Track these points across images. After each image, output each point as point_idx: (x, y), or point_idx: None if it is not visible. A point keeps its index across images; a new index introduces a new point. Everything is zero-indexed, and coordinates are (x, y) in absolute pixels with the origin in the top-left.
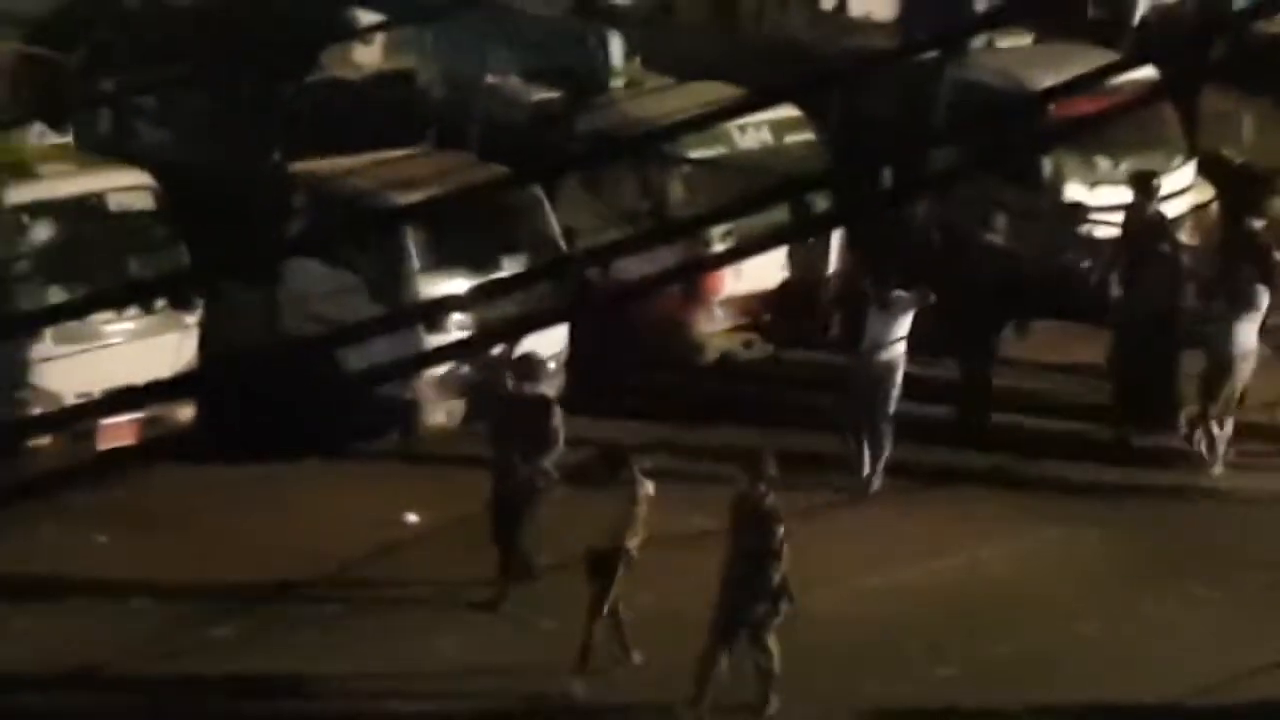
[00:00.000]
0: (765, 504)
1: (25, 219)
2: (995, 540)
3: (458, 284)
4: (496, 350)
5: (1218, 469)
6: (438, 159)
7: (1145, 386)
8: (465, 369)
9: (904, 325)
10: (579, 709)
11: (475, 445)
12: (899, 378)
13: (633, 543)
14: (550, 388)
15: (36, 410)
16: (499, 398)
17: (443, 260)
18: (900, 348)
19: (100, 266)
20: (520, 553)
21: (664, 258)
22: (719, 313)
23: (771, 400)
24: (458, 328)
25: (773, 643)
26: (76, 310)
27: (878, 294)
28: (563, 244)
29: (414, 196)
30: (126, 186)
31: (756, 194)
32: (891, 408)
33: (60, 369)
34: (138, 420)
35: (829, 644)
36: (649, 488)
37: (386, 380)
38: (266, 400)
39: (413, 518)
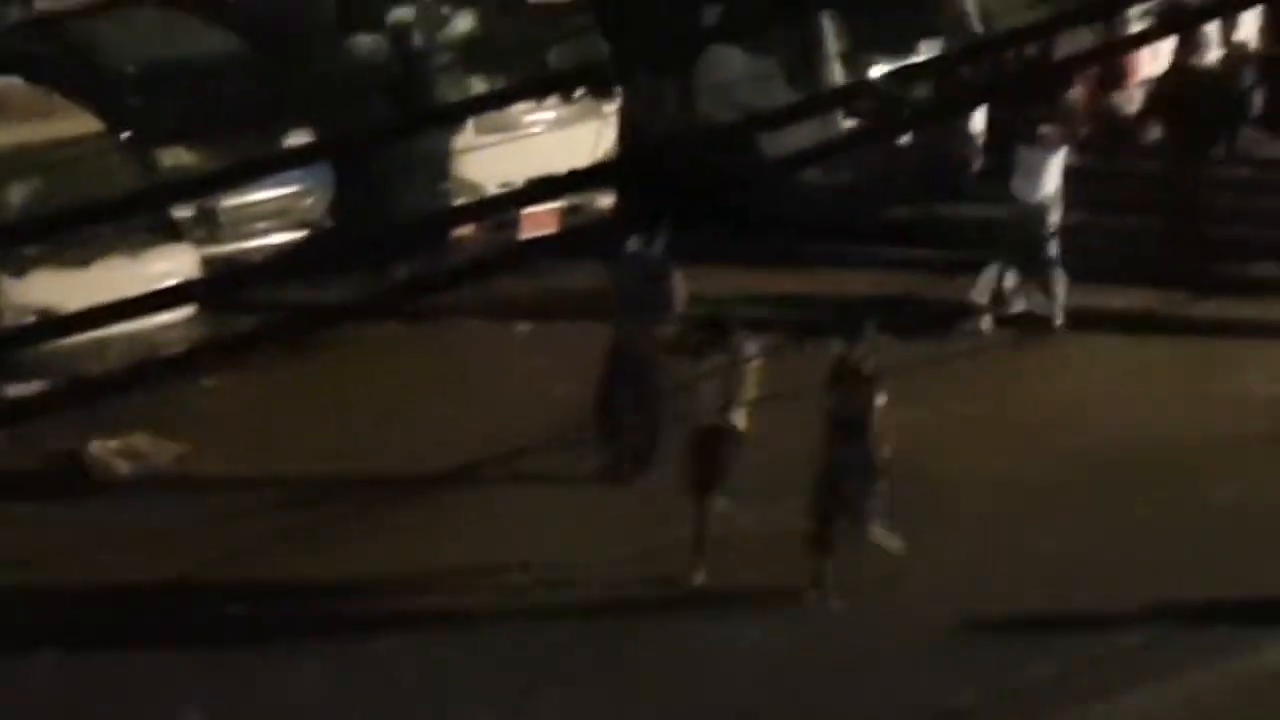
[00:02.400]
0: (864, 368)
1: (447, 11)
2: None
3: (875, 68)
4: None
5: None
6: None
7: None
8: None
9: (1055, 164)
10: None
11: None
12: (1054, 219)
13: (739, 420)
14: None
15: (459, 201)
16: (618, 258)
17: (859, 44)
18: (1053, 186)
19: (520, 57)
20: (630, 430)
21: (1082, 39)
22: (1136, 95)
23: None
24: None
25: (878, 528)
26: (498, 100)
27: (1027, 127)
28: (979, 27)
29: None
30: None
31: None
32: (1052, 251)
33: (481, 159)
34: (558, 209)
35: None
36: (757, 359)
37: (805, 167)
38: (684, 188)
39: None
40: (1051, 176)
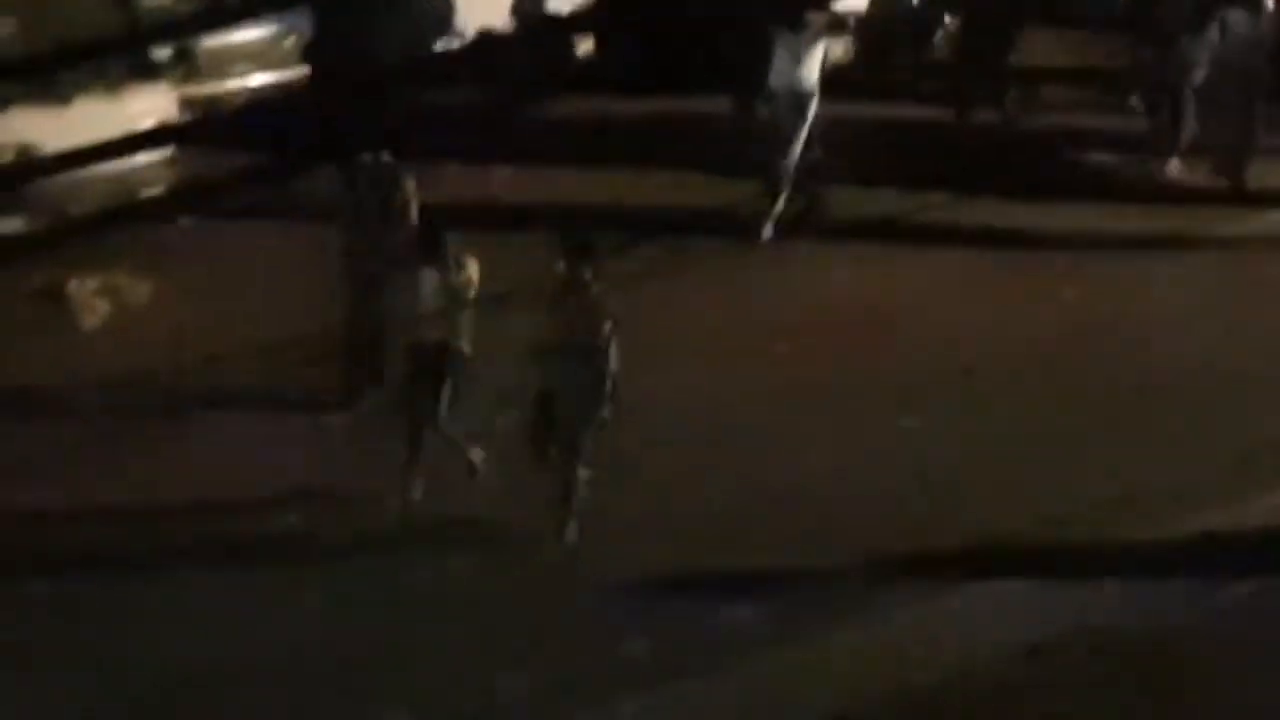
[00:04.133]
0: (590, 294)
1: None
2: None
3: None
4: None
5: None
6: None
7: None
8: None
9: (816, 53)
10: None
11: None
12: (809, 116)
13: (461, 340)
14: None
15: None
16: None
17: None
18: (811, 80)
19: None
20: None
21: None
22: None
23: None
24: None
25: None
26: None
27: (787, 14)
28: None
29: None
30: None
31: None
32: (795, 151)
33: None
34: None
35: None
36: (471, 272)
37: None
38: (671, 35)
39: None
40: (812, 67)
